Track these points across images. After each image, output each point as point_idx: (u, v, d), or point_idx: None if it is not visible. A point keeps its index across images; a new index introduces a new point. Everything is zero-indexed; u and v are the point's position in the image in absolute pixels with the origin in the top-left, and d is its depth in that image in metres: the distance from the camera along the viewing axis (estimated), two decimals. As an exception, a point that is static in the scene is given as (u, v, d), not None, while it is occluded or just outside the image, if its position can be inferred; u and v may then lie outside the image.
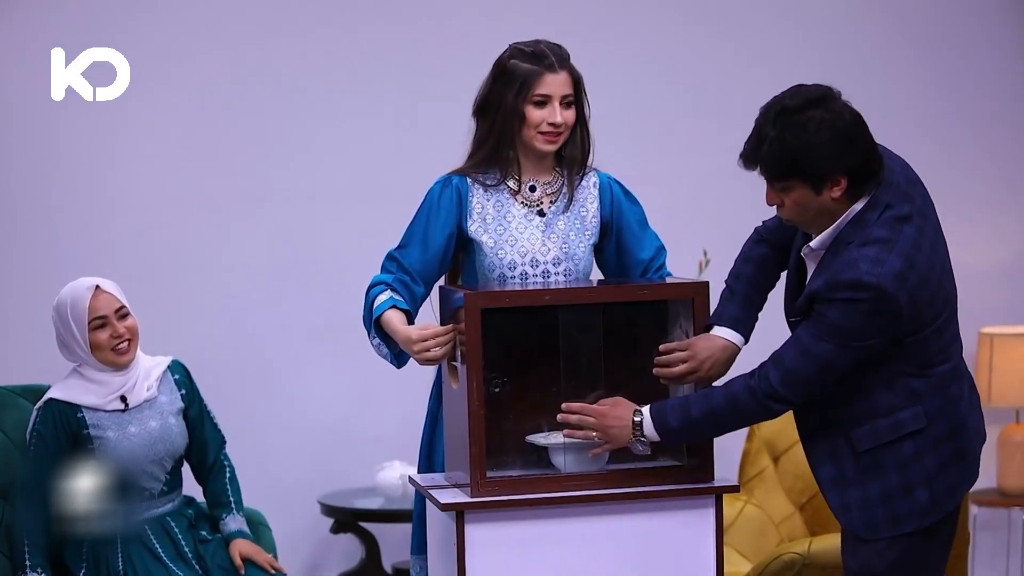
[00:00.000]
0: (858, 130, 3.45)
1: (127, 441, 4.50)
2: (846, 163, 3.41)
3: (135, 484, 4.53)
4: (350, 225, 6.03)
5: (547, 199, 3.98)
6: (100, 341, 4.52)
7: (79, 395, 4.52)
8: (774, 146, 3.42)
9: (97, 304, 4.52)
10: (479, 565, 3.58)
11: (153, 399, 4.59)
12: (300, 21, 6.04)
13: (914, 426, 3.48)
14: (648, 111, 6.15)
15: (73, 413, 4.49)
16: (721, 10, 6.27)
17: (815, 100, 3.44)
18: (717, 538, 3.69)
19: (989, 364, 6.21)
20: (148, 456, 4.53)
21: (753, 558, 5.23)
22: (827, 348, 3.42)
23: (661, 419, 3.59)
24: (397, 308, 3.86)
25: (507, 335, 3.76)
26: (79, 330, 4.51)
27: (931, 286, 3.45)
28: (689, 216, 5.95)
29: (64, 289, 4.59)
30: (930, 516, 3.50)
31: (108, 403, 4.53)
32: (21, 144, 5.89)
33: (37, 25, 5.85)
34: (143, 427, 4.54)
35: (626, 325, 3.82)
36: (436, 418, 4.02)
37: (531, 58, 3.91)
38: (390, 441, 5.87)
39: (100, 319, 4.52)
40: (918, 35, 6.43)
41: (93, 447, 4.48)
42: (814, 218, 3.49)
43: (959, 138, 6.49)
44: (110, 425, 4.51)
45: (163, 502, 4.60)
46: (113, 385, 4.54)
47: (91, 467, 4.48)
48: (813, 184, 3.42)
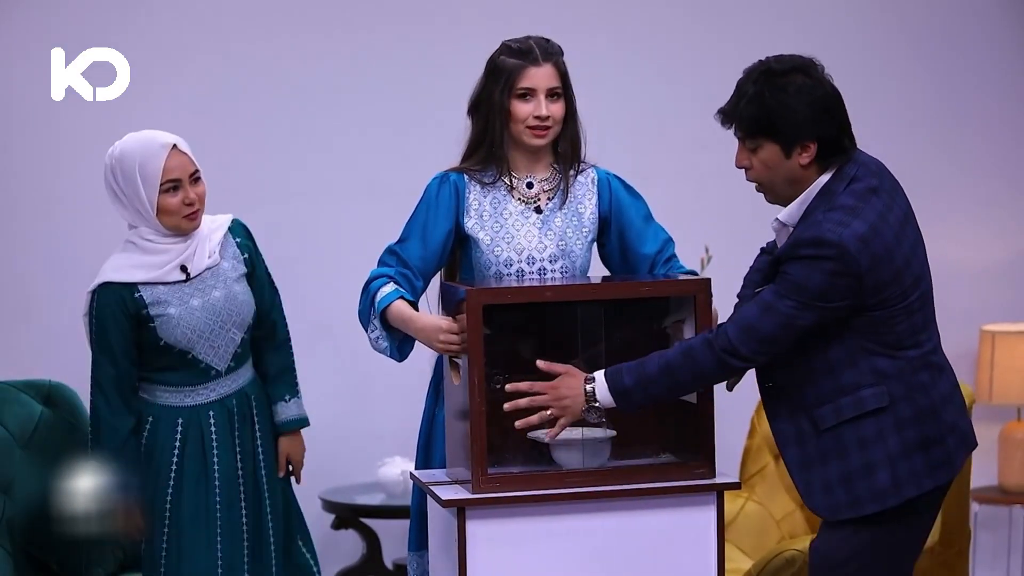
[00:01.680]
0: (835, 102, 3.51)
1: (190, 316, 4.17)
2: (819, 130, 3.46)
3: (201, 362, 4.23)
4: (350, 222, 6.03)
5: (544, 196, 3.98)
6: (170, 206, 4.14)
7: (134, 272, 4.17)
8: (752, 103, 3.49)
9: (172, 165, 4.14)
10: (480, 561, 3.58)
11: (216, 266, 4.24)
12: (300, 20, 6.04)
13: (876, 404, 3.48)
14: (649, 109, 6.15)
15: (130, 294, 4.16)
16: (722, 8, 6.27)
17: (799, 67, 3.51)
18: (718, 535, 3.69)
19: (990, 361, 6.21)
20: (215, 329, 4.21)
21: (754, 555, 5.23)
22: (788, 305, 3.43)
23: (615, 379, 3.58)
24: (405, 299, 3.86)
25: (509, 331, 3.76)
26: (148, 191, 4.12)
27: (896, 261, 3.45)
28: (691, 213, 5.94)
29: (130, 140, 4.21)
30: (890, 499, 3.48)
31: (167, 274, 4.18)
32: (21, 144, 5.89)
33: (37, 25, 5.85)
34: (207, 298, 4.20)
35: (628, 321, 3.82)
36: (433, 415, 4.02)
37: (516, 53, 3.95)
38: (391, 437, 5.86)
39: (173, 182, 4.14)
40: (918, 35, 6.43)
41: (155, 325, 4.16)
42: (780, 184, 3.52)
43: (960, 137, 6.48)
44: (171, 300, 4.17)
45: (231, 380, 4.30)
46: (172, 253, 4.19)
47: (155, 345, 4.17)
48: (784, 145, 3.48)
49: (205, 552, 4.23)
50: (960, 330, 6.19)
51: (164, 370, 4.24)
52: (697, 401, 3.70)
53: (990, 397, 6.19)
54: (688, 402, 3.74)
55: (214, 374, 4.25)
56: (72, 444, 4.60)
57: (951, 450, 3.54)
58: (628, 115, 5.96)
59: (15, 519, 4.56)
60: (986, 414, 6.25)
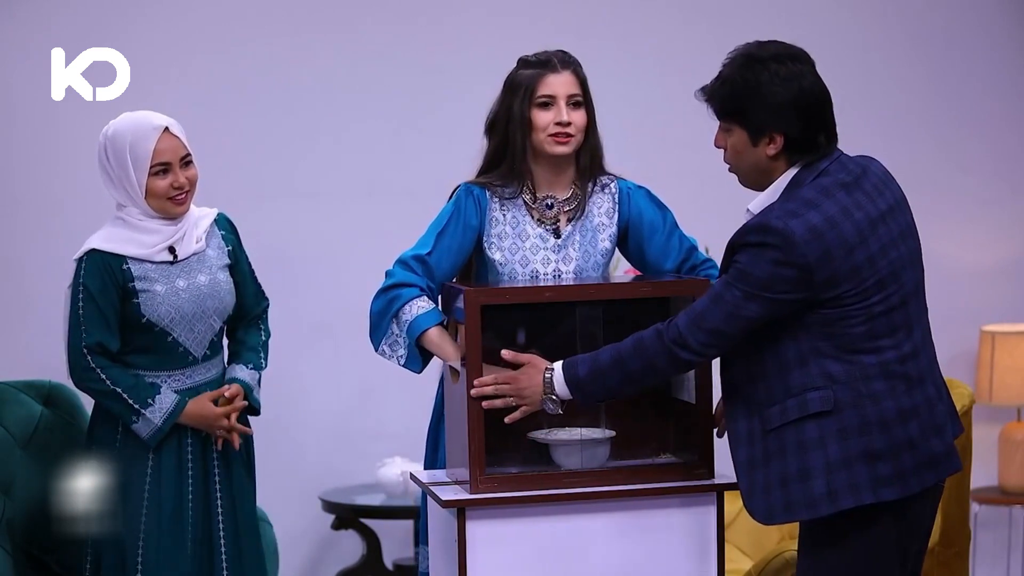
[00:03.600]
0: (813, 99, 3.39)
1: (175, 296, 4.15)
2: (787, 124, 3.37)
3: (180, 346, 4.20)
4: (351, 222, 6.03)
5: (564, 216, 3.94)
6: (158, 188, 4.11)
7: (123, 245, 4.15)
8: (726, 85, 3.42)
9: (162, 147, 4.11)
10: (480, 561, 3.58)
11: (202, 252, 4.23)
12: (300, 20, 6.04)
13: (820, 407, 3.32)
14: (649, 108, 6.15)
15: (118, 264, 4.14)
16: (722, 8, 6.27)
17: (783, 56, 3.41)
18: (718, 535, 3.69)
19: (990, 362, 6.20)
20: (196, 313, 4.18)
21: (754, 555, 5.23)
22: (735, 294, 3.33)
23: (571, 371, 3.54)
24: (443, 327, 3.79)
25: (507, 332, 3.76)
26: (137, 173, 4.10)
27: (856, 258, 3.30)
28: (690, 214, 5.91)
29: (123, 120, 4.17)
30: (822, 507, 3.32)
31: (156, 254, 4.16)
32: (21, 144, 5.89)
33: (37, 25, 5.85)
34: (192, 281, 4.18)
35: (627, 322, 3.82)
36: (441, 413, 4.01)
37: (534, 64, 3.90)
38: (391, 437, 5.87)
39: (163, 165, 4.11)
40: (918, 35, 6.43)
41: (139, 301, 4.13)
42: (748, 171, 3.45)
43: (960, 137, 6.48)
44: (158, 278, 4.15)
45: (205, 368, 4.28)
46: (162, 235, 4.17)
47: (137, 322, 4.13)
48: (751, 133, 3.40)
49: (179, 552, 4.22)
50: (960, 330, 6.19)
51: (140, 352, 4.20)
52: (697, 401, 3.70)
53: (990, 397, 6.18)
54: (688, 402, 3.74)
55: (191, 360, 4.22)
56: (72, 444, 4.59)
57: (905, 468, 3.33)
58: (627, 115, 5.96)
59: (15, 519, 4.55)
60: (986, 414, 6.25)
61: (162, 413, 4.17)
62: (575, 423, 3.77)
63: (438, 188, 4.20)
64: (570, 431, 3.76)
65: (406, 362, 3.84)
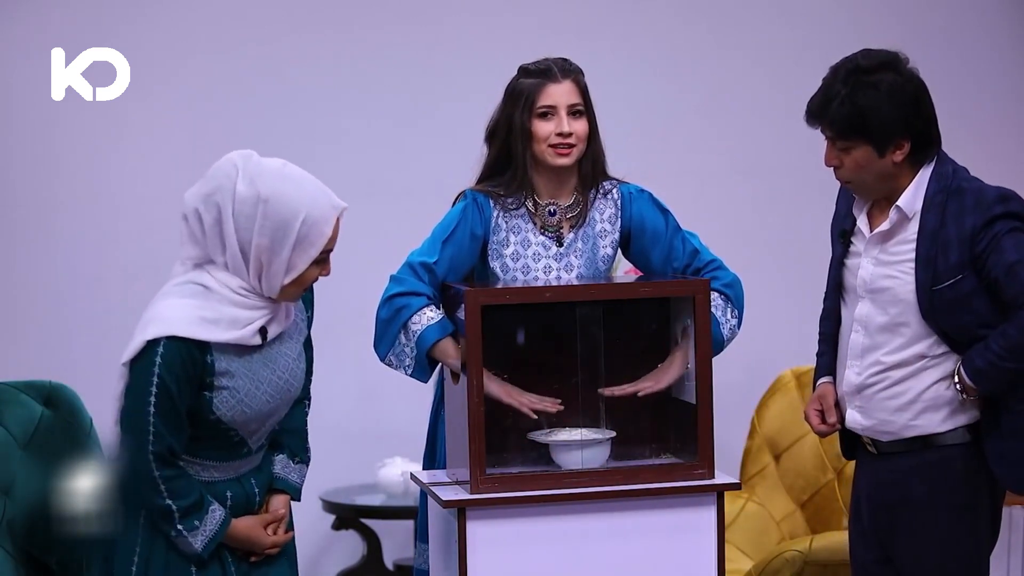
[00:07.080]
0: (925, 95, 3.53)
1: (256, 391, 3.38)
2: (912, 127, 3.48)
3: (243, 443, 3.45)
4: (351, 222, 5.99)
5: (567, 224, 3.93)
6: (310, 278, 3.40)
7: (209, 329, 3.29)
8: (844, 104, 3.46)
9: (336, 233, 3.38)
10: (481, 561, 3.58)
11: (286, 330, 3.46)
12: (300, 20, 6.04)
13: None
14: (649, 109, 6.14)
15: (202, 355, 3.30)
16: (723, 10, 6.27)
17: (887, 63, 3.50)
18: (718, 536, 3.69)
19: (990, 362, 6.19)
20: (272, 410, 3.44)
21: (754, 556, 5.23)
22: None
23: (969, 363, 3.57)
24: (453, 338, 3.75)
25: (508, 332, 3.76)
26: (297, 255, 3.31)
27: None
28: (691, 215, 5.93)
29: (286, 183, 3.35)
30: None
31: (247, 336, 3.33)
32: (21, 144, 5.89)
33: (37, 25, 5.85)
34: (274, 368, 3.42)
35: (628, 322, 3.82)
36: (439, 414, 4.01)
37: (534, 73, 3.86)
38: (392, 438, 5.87)
39: (327, 254, 3.39)
40: (918, 35, 6.41)
41: (212, 396, 3.33)
42: (873, 181, 3.53)
43: (960, 137, 6.44)
44: (240, 370, 3.35)
45: (254, 458, 3.53)
46: (258, 312, 3.36)
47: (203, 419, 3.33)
48: (877, 145, 3.48)
49: None
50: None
51: (193, 441, 3.41)
52: (697, 401, 3.70)
53: (990, 397, 6.17)
54: (688, 402, 3.74)
55: (245, 452, 3.49)
56: (72, 445, 4.59)
57: None
58: (627, 116, 5.96)
59: (15, 520, 4.55)
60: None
61: (203, 539, 3.41)
62: (575, 423, 3.77)
63: (438, 188, 4.20)
64: (570, 431, 3.76)
65: (413, 372, 3.81)
